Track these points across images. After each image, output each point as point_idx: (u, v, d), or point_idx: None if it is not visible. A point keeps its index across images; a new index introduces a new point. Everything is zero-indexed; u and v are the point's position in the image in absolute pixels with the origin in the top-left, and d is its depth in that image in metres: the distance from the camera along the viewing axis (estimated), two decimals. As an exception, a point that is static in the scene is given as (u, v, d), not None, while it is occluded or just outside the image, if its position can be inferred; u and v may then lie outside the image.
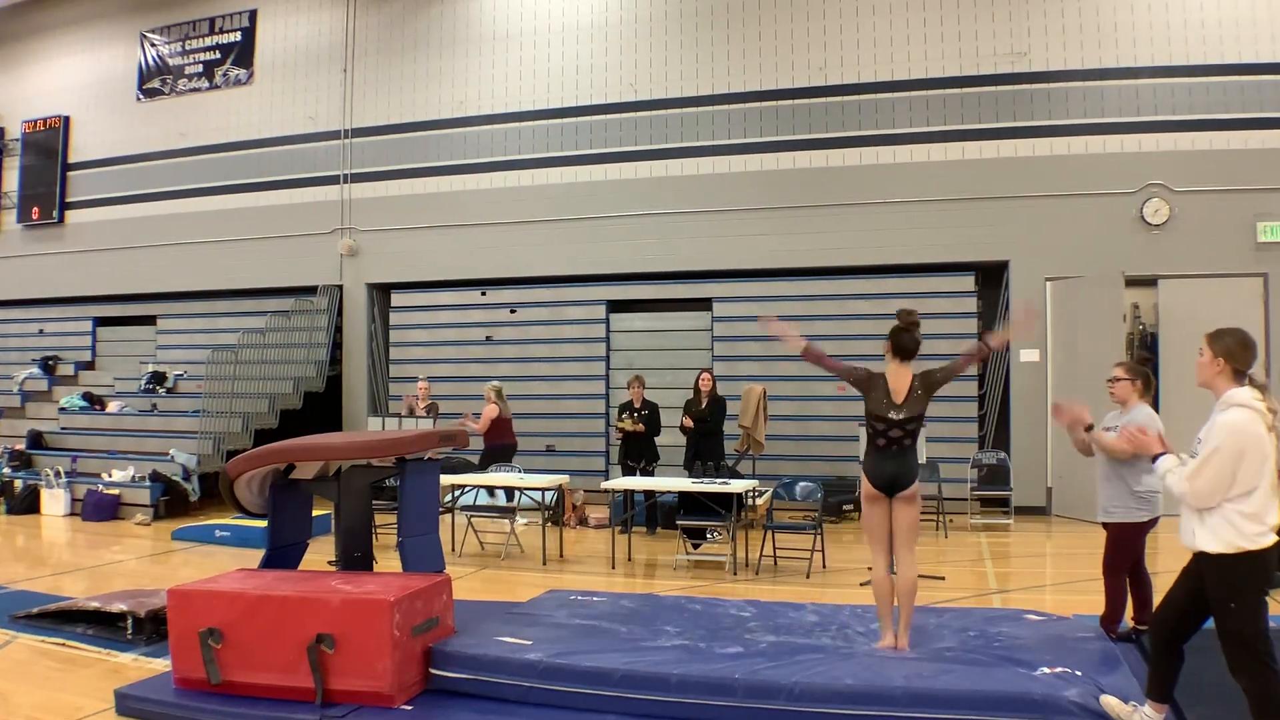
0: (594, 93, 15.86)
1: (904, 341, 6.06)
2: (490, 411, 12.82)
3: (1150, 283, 13.33)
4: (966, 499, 12.92)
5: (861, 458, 9.91)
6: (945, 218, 14.07)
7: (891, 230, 14.26)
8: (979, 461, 13.10)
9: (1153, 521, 6.55)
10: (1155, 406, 6.84)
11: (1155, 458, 4.70)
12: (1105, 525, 6.69)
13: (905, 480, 6.06)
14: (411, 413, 12.73)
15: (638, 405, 12.61)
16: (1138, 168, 13.38)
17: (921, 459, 9.72)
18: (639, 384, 12.70)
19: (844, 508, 13.25)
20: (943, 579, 9.41)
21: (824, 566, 9.89)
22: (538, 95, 16.15)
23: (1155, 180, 13.31)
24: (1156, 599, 5.46)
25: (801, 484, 12.79)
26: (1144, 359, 12.64)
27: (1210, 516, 4.47)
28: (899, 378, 6.03)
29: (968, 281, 14.29)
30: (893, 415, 5.97)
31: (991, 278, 14.31)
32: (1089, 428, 6.60)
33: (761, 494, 11.86)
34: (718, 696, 5.28)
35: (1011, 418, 13.84)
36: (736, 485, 10.19)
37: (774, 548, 10.12)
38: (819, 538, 9.84)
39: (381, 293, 17.40)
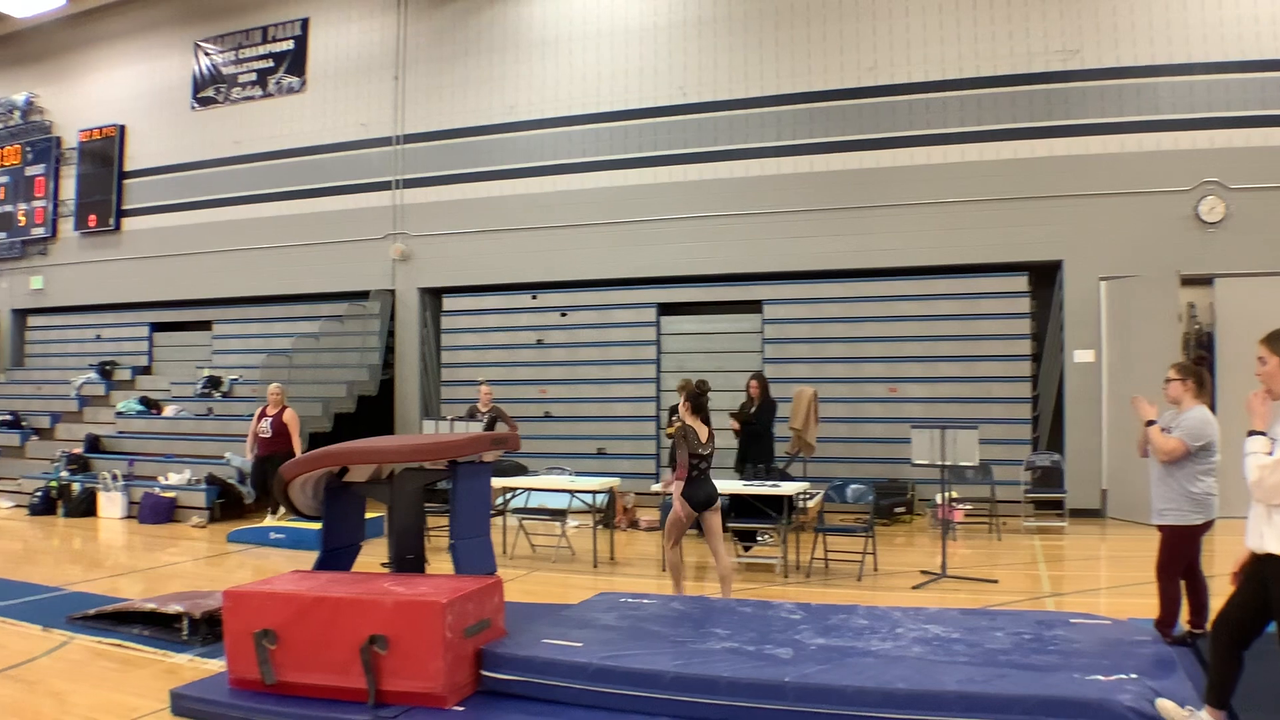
0: (643, 96, 15.87)
1: (702, 403, 8.31)
2: (294, 419, 13.07)
3: (1206, 281, 13.10)
4: (1020, 501, 12.79)
5: (914, 460, 10.00)
6: (996, 218, 13.93)
7: (941, 231, 14.14)
8: (1033, 463, 12.96)
9: (1208, 524, 6.44)
10: (1212, 407, 6.74)
11: (1251, 433, 4.57)
12: (1159, 527, 6.60)
13: (714, 499, 8.30)
14: (473, 416, 12.71)
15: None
16: (1192, 165, 13.17)
17: (974, 460, 9.73)
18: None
19: (895, 510, 13.16)
20: (996, 582, 9.32)
21: (875, 569, 9.82)
22: (587, 99, 16.20)
23: (1210, 178, 13.09)
24: (1214, 603, 5.37)
25: (853, 486, 12.72)
26: (1200, 359, 12.45)
27: None
28: (701, 427, 8.24)
29: (1020, 282, 14.11)
30: (704, 451, 8.19)
31: (1045, 278, 14.14)
32: (1150, 423, 6.54)
33: (812, 496, 11.81)
34: (768, 699, 5.26)
35: (1065, 419, 13.66)
36: (787, 488, 10.13)
37: (825, 550, 10.07)
38: (870, 540, 9.78)
39: (433, 297, 17.53)
